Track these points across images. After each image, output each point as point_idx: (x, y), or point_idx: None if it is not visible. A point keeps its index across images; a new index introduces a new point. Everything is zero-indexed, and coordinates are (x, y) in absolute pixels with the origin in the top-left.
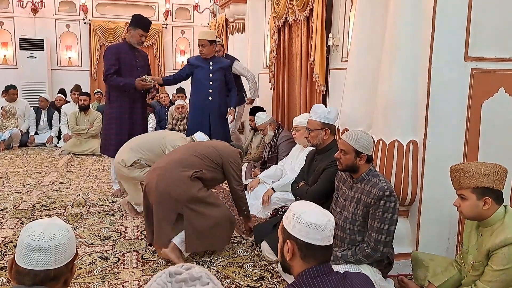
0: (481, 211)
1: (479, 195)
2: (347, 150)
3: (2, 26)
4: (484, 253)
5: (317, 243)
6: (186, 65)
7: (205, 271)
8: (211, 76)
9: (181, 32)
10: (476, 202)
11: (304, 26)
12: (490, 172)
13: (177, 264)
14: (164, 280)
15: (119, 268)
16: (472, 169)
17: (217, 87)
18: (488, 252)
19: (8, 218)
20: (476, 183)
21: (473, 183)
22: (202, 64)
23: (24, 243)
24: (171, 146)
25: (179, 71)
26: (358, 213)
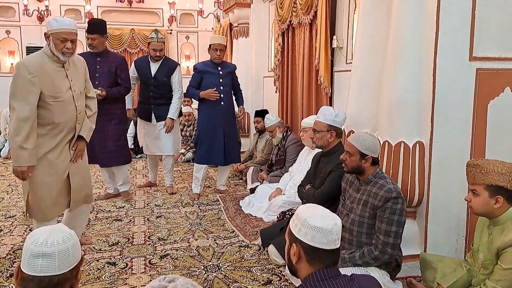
0: (491, 209)
1: (492, 193)
2: (352, 152)
3: (8, 34)
4: (494, 251)
5: (323, 247)
6: (195, 73)
7: (190, 281)
8: (221, 81)
9: (186, 37)
10: (487, 199)
11: (308, 29)
12: (507, 172)
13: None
14: None
15: (127, 273)
16: (489, 166)
17: (227, 91)
18: (498, 250)
19: (17, 225)
20: (491, 180)
21: (488, 180)
22: (211, 70)
23: (28, 249)
24: None
25: (191, 82)
26: (366, 215)
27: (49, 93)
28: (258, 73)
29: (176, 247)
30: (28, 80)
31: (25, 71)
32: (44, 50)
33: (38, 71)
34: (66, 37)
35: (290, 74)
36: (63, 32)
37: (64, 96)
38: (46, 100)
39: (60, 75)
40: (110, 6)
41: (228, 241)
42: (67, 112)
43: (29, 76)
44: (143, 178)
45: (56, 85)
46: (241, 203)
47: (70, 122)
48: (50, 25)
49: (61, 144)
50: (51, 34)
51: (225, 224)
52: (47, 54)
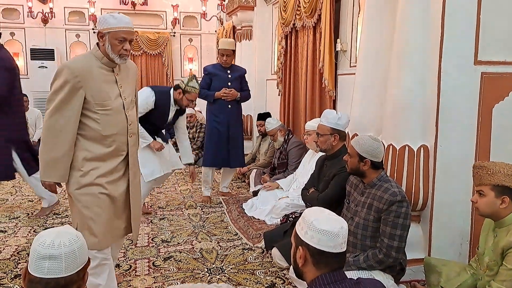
0: (497, 210)
1: (498, 193)
2: (352, 153)
3: (13, 36)
4: (499, 251)
5: (330, 250)
6: (205, 75)
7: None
8: (230, 85)
9: (189, 40)
10: (494, 199)
11: (311, 32)
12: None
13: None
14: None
15: (131, 275)
16: (496, 168)
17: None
18: (503, 250)
19: (21, 227)
20: (497, 181)
21: (494, 180)
22: (220, 73)
23: (35, 251)
24: None
25: (202, 84)
26: (370, 218)
27: (95, 100)
28: (261, 76)
29: (180, 249)
30: (72, 85)
31: (69, 73)
32: (93, 51)
33: (84, 74)
34: (126, 37)
35: (293, 77)
36: (123, 31)
37: (112, 104)
38: (91, 109)
39: (109, 81)
40: (113, 8)
41: (231, 243)
42: (116, 123)
43: (73, 80)
44: None
45: (104, 92)
46: (244, 206)
47: (120, 135)
48: (106, 22)
49: (112, 158)
50: (107, 33)
51: (228, 226)
52: (96, 56)
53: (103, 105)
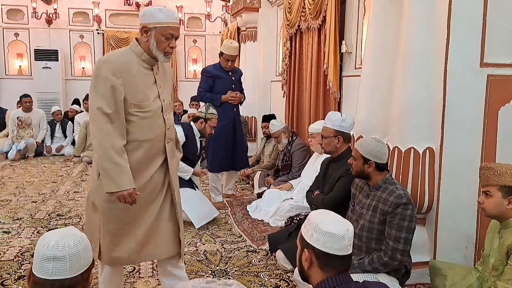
0: (504, 210)
1: (504, 194)
2: (356, 156)
3: (17, 37)
4: (504, 251)
5: (335, 253)
6: (206, 77)
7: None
8: (234, 87)
9: (193, 41)
10: (500, 200)
11: (316, 34)
12: None
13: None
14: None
15: (134, 277)
16: (502, 169)
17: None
18: (508, 250)
19: (25, 228)
20: (504, 181)
21: (501, 181)
22: (223, 75)
23: (40, 252)
24: None
25: (203, 86)
26: (375, 221)
27: (132, 100)
28: (265, 77)
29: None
30: (111, 82)
31: (106, 70)
32: (132, 47)
33: (123, 71)
34: (174, 34)
35: (298, 79)
36: (171, 27)
37: (151, 106)
38: (128, 110)
39: (148, 80)
40: (118, 9)
41: (235, 245)
42: (154, 127)
43: (112, 77)
44: None
45: (142, 92)
46: (248, 208)
47: (158, 140)
48: (153, 16)
49: (148, 168)
50: (153, 28)
51: (232, 228)
52: (136, 52)
53: (140, 107)
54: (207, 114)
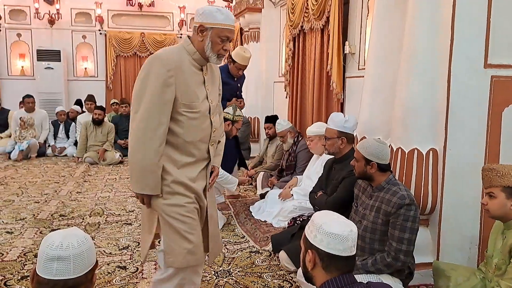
0: (508, 211)
1: (508, 195)
2: (358, 157)
3: (20, 37)
4: (507, 250)
5: (339, 254)
6: None
7: None
8: (237, 94)
9: None
10: (504, 200)
11: (319, 35)
12: None
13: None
14: None
15: (137, 278)
16: (505, 170)
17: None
18: (511, 249)
19: (28, 228)
20: (507, 182)
21: (504, 182)
22: (230, 81)
23: (44, 252)
24: None
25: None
26: (378, 222)
27: (182, 100)
28: (268, 78)
29: None
30: (164, 80)
31: (161, 67)
32: (185, 45)
33: (176, 68)
34: (230, 36)
35: (301, 80)
36: (228, 29)
37: (200, 107)
38: (177, 109)
39: (197, 80)
40: (120, 10)
41: (238, 246)
42: (201, 128)
43: (166, 74)
44: None
45: (192, 91)
46: (251, 209)
47: (202, 142)
48: (212, 16)
49: (192, 169)
50: (210, 28)
51: (235, 229)
52: (188, 50)
53: (190, 107)
54: (234, 116)
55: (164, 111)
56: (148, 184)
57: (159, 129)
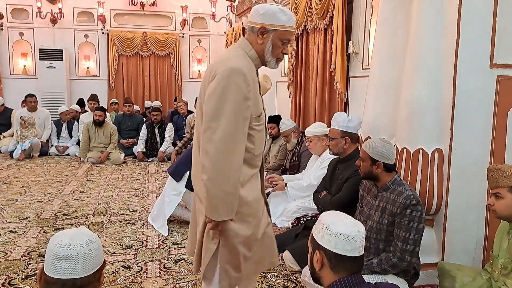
0: None
1: None
2: (364, 157)
3: (22, 36)
4: None
5: (347, 254)
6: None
7: None
8: None
9: (197, 41)
10: (511, 201)
11: (323, 34)
12: None
13: None
14: None
15: (142, 277)
16: (511, 170)
17: None
18: None
19: (31, 227)
20: None
21: (511, 182)
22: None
23: (52, 252)
24: None
25: None
26: (384, 222)
27: (254, 113)
28: (271, 78)
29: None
30: (244, 95)
31: (241, 81)
32: (246, 49)
33: (252, 81)
34: (291, 39)
35: (304, 79)
36: (291, 32)
37: (263, 117)
38: (249, 125)
39: (257, 88)
40: (122, 9)
41: None
42: (264, 139)
43: (246, 89)
44: (155, 181)
45: (259, 102)
46: None
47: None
48: (276, 18)
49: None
50: (272, 30)
51: None
52: (251, 56)
53: (258, 119)
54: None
55: (244, 130)
56: (228, 210)
57: (240, 151)
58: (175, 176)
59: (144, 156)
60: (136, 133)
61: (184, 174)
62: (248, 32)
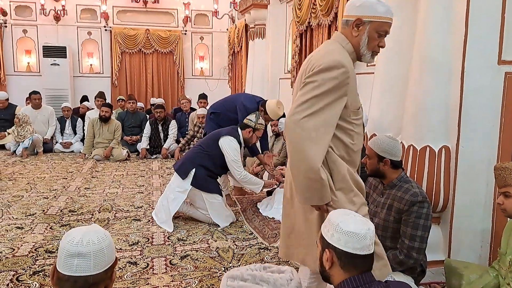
0: None
1: None
2: (370, 154)
3: (25, 34)
4: None
5: (357, 252)
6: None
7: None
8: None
9: (200, 38)
10: None
11: (327, 31)
12: None
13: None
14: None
15: (148, 273)
16: None
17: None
18: None
19: (38, 223)
20: None
21: None
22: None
23: (64, 249)
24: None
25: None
26: (390, 219)
27: (352, 107)
28: (274, 75)
29: (196, 248)
30: (341, 87)
31: (342, 73)
32: (342, 44)
33: (351, 76)
34: (388, 31)
35: None
36: (388, 23)
37: (361, 112)
38: (346, 118)
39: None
40: (125, 6)
41: (247, 242)
42: (362, 134)
43: (344, 82)
44: (159, 178)
45: (357, 95)
46: (259, 206)
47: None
48: (372, 9)
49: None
50: (369, 22)
51: (243, 225)
52: (348, 50)
53: (357, 113)
54: (256, 124)
55: (333, 123)
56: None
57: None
58: (180, 173)
59: (148, 153)
60: (139, 130)
61: (189, 171)
62: (342, 26)
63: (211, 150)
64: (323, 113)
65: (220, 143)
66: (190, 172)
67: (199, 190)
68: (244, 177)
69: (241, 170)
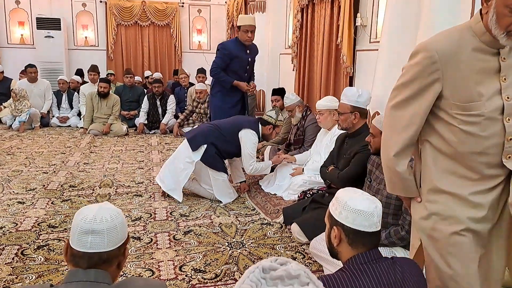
0: None
1: None
2: (375, 133)
3: (18, 5)
4: None
5: (365, 230)
6: (224, 54)
7: (303, 268)
8: (248, 68)
9: (197, 11)
10: None
11: (329, 6)
12: None
13: (270, 258)
14: (257, 276)
15: (152, 248)
16: None
17: (250, 79)
18: None
19: (39, 198)
20: None
21: None
22: (241, 54)
23: (78, 226)
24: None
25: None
26: (392, 196)
27: (454, 99)
28: (274, 50)
29: (199, 223)
30: (430, 76)
31: (427, 58)
32: (472, 23)
33: (448, 60)
34: None
35: (309, 52)
36: None
37: (482, 108)
38: (446, 110)
39: (485, 70)
40: None
41: (249, 218)
42: (483, 137)
43: (432, 68)
44: (158, 154)
45: (471, 88)
46: (261, 183)
47: (486, 155)
48: None
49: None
50: None
51: (246, 201)
52: (475, 30)
53: (465, 109)
54: (277, 121)
55: (420, 108)
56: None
57: (407, 130)
58: (192, 144)
59: (146, 128)
60: (137, 105)
61: (200, 146)
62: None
63: (228, 136)
64: (408, 102)
65: (241, 134)
66: (201, 146)
67: (206, 166)
68: (255, 170)
69: (254, 164)
